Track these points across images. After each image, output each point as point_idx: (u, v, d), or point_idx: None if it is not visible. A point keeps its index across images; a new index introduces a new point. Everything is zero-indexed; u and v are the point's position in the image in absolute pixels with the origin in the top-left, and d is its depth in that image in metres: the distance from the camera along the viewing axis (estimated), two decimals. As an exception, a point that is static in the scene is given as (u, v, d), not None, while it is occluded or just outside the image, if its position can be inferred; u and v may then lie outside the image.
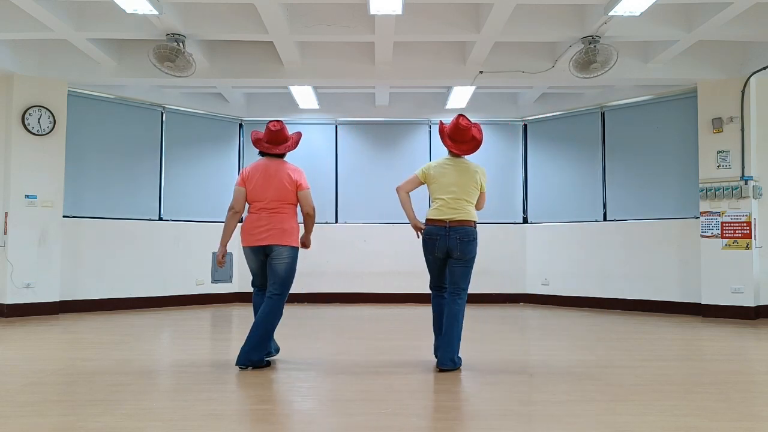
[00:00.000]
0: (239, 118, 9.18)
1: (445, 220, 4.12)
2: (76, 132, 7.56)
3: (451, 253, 4.13)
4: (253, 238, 4.21)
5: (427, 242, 4.20)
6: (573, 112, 8.67)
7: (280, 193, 4.18)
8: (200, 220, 8.68)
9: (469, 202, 4.20)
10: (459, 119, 4.22)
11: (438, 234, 4.13)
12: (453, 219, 4.12)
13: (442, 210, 4.15)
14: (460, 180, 4.18)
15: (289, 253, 4.18)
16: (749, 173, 6.91)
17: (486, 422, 2.97)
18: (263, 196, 4.19)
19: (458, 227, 4.11)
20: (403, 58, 7.17)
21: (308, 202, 4.24)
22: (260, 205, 4.21)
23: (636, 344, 5.32)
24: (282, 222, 4.17)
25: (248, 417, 3.05)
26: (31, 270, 7.00)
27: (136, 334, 5.79)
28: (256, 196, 4.21)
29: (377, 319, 7.19)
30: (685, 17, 6.11)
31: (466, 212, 4.16)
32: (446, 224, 4.12)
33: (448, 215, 4.13)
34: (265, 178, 4.19)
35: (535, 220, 9.03)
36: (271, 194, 4.18)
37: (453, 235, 4.10)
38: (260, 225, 4.18)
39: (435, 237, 4.14)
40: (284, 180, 4.19)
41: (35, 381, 3.76)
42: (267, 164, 4.25)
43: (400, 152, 9.25)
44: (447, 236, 4.11)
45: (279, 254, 4.16)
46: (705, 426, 2.89)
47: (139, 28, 6.11)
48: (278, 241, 4.15)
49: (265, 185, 4.19)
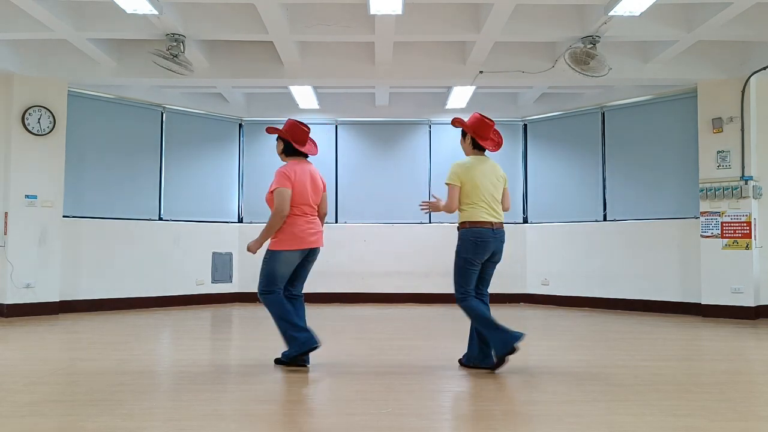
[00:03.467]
0: (239, 118, 9.18)
1: (492, 222, 4.08)
2: (76, 132, 7.56)
3: (494, 257, 4.15)
4: (306, 241, 4.16)
5: (478, 245, 4.04)
6: (573, 112, 8.67)
7: (318, 196, 4.30)
8: (200, 220, 8.68)
9: (500, 202, 4.21)
10: (481, 116, 4.21)
11: (489, 237, 4.06)
12: (497, 221, 4.11)
13: (489, 212, 4.08)
14: (492, 179, 4.14)
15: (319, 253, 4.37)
16: (749, 173, 6.90)
17: (486, 422, 2.97)
18: (310, 199, 4.20)
19: (500, 230, 4.14)
20: (403, 58, 7.17)
21: (326, 204, 4.40)
22: (307, 209, 4.20)
23: (636, 344, 5.32)
24: (320, 225, 4.33)
25: (248, 417, 3.05)
26: (31, 270, 7.00)
27: (136, 334, 5.79)
28: (304, 198, 4.16)
29: (377, 319, 7.19)
30: (685, 17, 6.11)
31: (501, 213, 4.20)
32: (493, 227, 4.08)
33: (493, 217, 4.09)
34: (310, 181, 4.21)
35: (535, 220, 9.03)
36: (315, 198, 4.26)
37: (499, 238, 4.11)
38: (311, 228, 4.20)
39: (487, 240, 4.05)
40: (319, 183, 4.32)
41: (35, 381, 3.76)
42: (305, 167, 4.26)
43: (400, 152, 9.25)
44: (496, 239, 4.09)
45: (317, 255, 4.31)
46: (705, 426, 2.89)
47: (139, 28, 6.11)
48: (321, 244, 4.29)
49: (312, 188, 4.22)
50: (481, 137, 4.19)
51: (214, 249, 8.78)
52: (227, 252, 8.88)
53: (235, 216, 9.14)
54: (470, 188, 4.07)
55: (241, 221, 9.15)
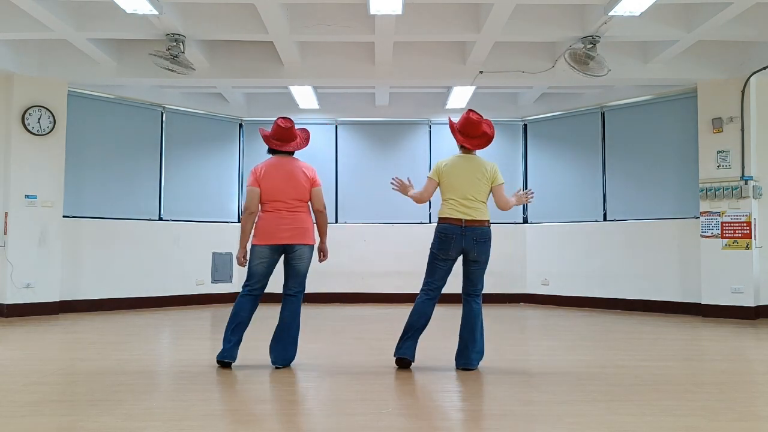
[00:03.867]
0: (239, 118, 9.18)
1: (461, 219, 4.04)
2: (76, 132, 7.55)
3: (468, 255, 4.08)
4: (274, 237, 4.14)
5: (442, 241, 4.07)
6: (573, 112, 8.67)
7: (298, 192, 4.17)
8: (200, 220, 8.68)
9: (482, 201, 4.13)
10: (470, 113, 4.16)
11: (454, 233, 4.04)
12: (469, 219, 4.04)
13: (458, 209, 4.06)
14: (472, 177, 4.10)
15: (309, 251, 4.23)
16: (749, 173, 6.90)
17: (486, 422, 2.97)
18: (282, 195, 4.15)
19: (474, 227, 4.04)
20: (403, 58, 7.17)
21: (321, 199, 4.26)
22: (279, 205, 4.16)
23: (636, 344, 5.32)
24: (303, 221, 4.20)
25: (248, 417, 3.05)
26: (31, 270, 7.00)
27: (136, 334, 5.79)
28: (275, 195, 4.15)
29: (377, 319, 7.19)
30: (685, 17, 6.10)
31: (480, 212, 4.09)
32: (462, 224, 4.04)
33: (464, 214, 4.05)
34: (282, 176, 4.16)
35: (535, 220, 9.03)
36: (291, 193, 4.16)
37: (469, 235, 4.03)
38: (282, 224, 4.14)
39: (451, 236, 4.04)
40: (301, 178, 4.19)
41: (35, 381, 3.75)
42: (281, 162, 4.23)
43: (400, 152, 9.25)
44: (463, 236, 4.03)
45: (301, 253, 4.19)
46: (705, 426, 2.89)
47: (139, 28, 6.11)
48: (301, 240, 4.17)
49: (284, 184, 4.16)
50: (467, 135, 4.18)
51: (214, 249, 8.77)
52: (227, 252, 8.87)
53: (235, 216, 9.14)
54: (446, 185, 4.14)
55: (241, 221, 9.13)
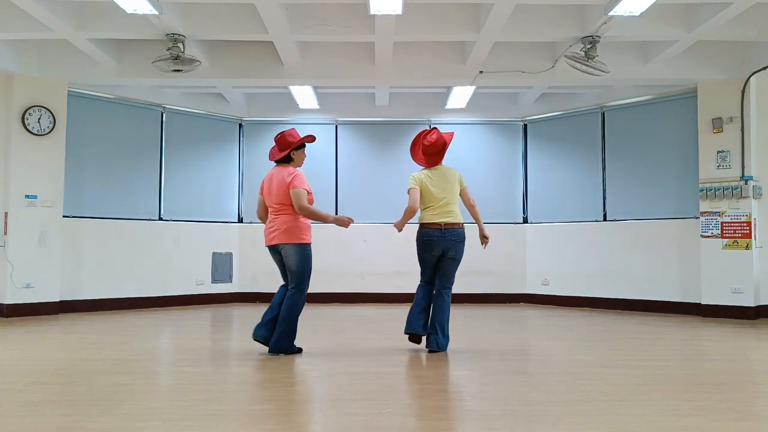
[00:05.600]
0: (239, 118, 9.17)
1: (440, 223, 4.70)
2: (76, 132, 7.55)
3: (446, 253, 4.72)
4: (266, 239, 4.65)
5: (426, 243, 4.75)
6: (573, 112, 8.67)
7: (280, 196, 4.54)
8: (200, 220, 8.68)
9: (455, 204, 4.79)
10: (427, 136, 4.78)
11: (435, 236, 4.70)
12: (447, 222, 4.70)
13: (437, 215, 4.71)
14: (446, 186, 4.76)
15: (294, 249, 4.52)
16: (749, 173, 6.90)
17: (486, 422, 2.97)
18: (270, 201, 4.62)
19: (452, 229, 4.71)
20: (403, 58, 7.17)
21: (297, 200, 4.50)
22: (270, 210, 4.64)
23: (636, 344, 5.32)
24: (284, 222, 4.53)
25: (248, 417, 3.05)
26: (31, 270, 6.99)
27: (136, 334, 5.79)
28: (267, 201, 4.66)
29: (377, 319, 7.19)
30: (685, 17, 6.11)
31: (455, 215, 4.75)
32: (441, 227, 4.69)
33: (443, 219, 4.69)
34: (270, 184, 4.62)
35: (535, 220, 9.03)
36: (274, 198, 4.57)
37: (448, 237, 4.70)
38: (270, 227, 4.61)
39: (433, 238, 4.71)
40: (281, 183, 4.54)
41: (35, 381, 3.76)
42: (272, 171, 4.69)
43: (400, 152, 9.19)
44: (443, 238, 4.69)
45: (286, 252, 4.55)
46: (705, 426, 2.89)
47: (139, 28, 6.11)
48: (282, 240, 4.53)
49: (269, 190, 4.62)
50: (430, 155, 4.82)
51: (214, 249, 8.78)
52: (227, 252, 8.88)
53: (235, 216, 9.14)
54: (424, 193, 4.77)
55: (241, 221, 9.15)
